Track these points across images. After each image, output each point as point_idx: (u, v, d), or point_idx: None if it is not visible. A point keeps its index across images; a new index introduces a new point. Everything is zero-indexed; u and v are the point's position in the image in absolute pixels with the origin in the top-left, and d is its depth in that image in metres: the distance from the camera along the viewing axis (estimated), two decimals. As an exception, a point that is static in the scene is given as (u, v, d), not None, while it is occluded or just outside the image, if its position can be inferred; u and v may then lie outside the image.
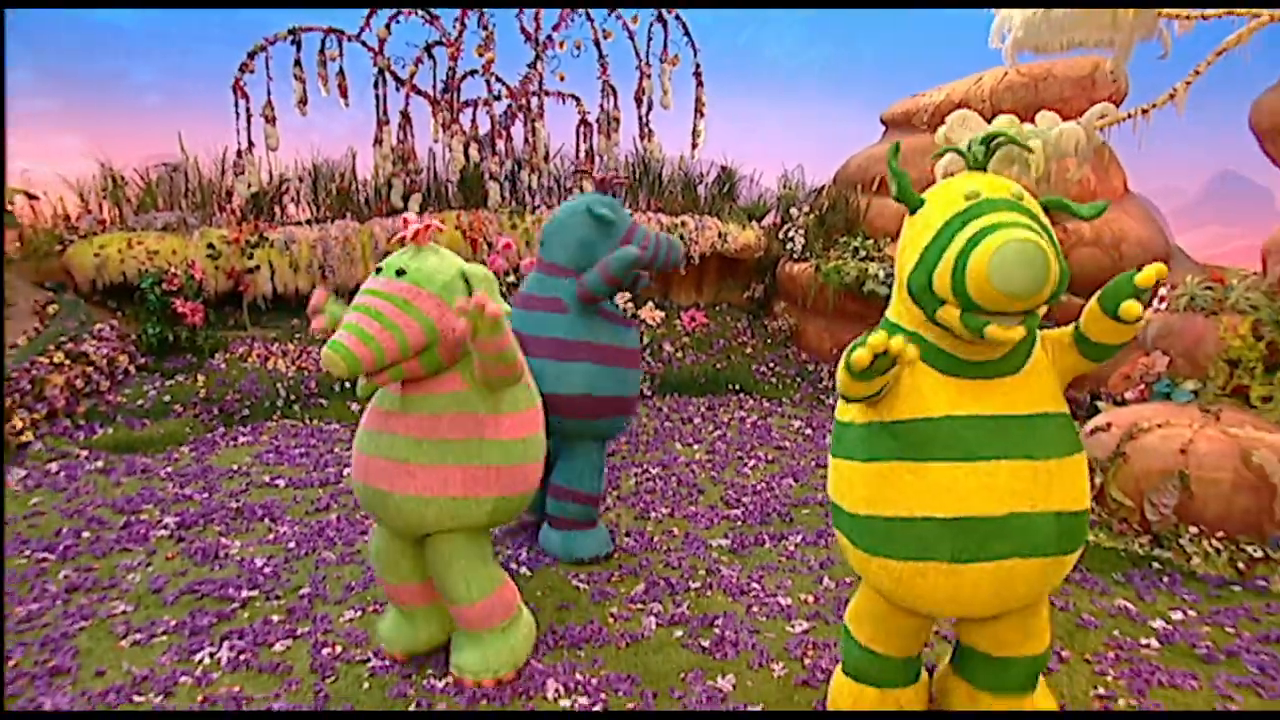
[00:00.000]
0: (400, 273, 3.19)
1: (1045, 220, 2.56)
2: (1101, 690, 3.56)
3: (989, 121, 8.13)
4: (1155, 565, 4.67)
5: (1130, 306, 2.44)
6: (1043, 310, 2.51)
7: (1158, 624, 4.10)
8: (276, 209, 9.43)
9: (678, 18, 10.38)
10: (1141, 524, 4.82)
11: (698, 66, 10.59)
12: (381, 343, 3.05)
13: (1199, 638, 3.99)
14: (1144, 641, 3.96)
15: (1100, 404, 5.89)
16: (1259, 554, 4.56)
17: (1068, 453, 2.65)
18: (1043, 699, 3.07)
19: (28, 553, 4.78)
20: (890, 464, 2.64)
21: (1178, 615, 4.20)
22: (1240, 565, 4.55)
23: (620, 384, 4.59)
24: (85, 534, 5.02)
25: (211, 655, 3.71)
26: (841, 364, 2.49)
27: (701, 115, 10.77)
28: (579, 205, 4.70)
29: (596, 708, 3.35)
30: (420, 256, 3.27)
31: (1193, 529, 4.69)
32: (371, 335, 3.04)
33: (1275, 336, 5.10)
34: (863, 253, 9.24)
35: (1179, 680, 3.64)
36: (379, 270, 3.24)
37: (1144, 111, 5.51)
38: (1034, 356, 2.69)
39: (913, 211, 2.68)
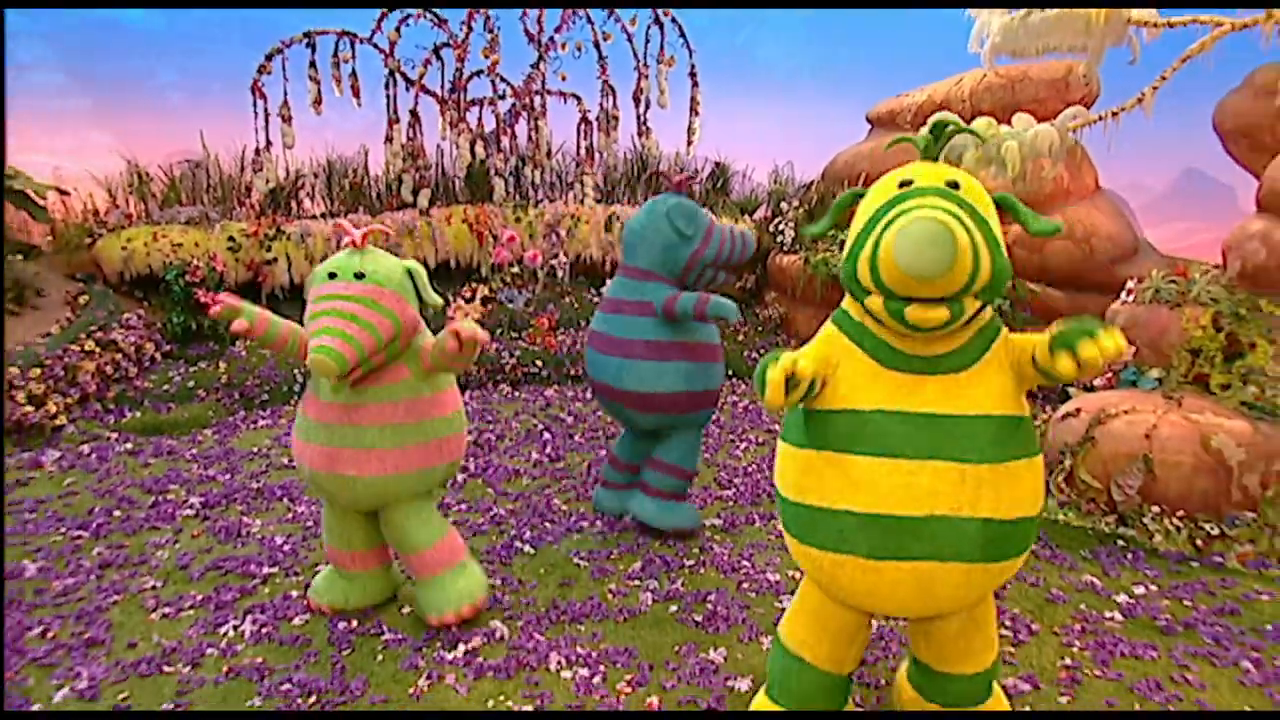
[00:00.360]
0: (359, 275, 3.36)
1: (986, 212, 2.36)
2: (1068, 661, 3.58)
3: (969, 119, 8.14)
4: (1120, 543, 4.70)
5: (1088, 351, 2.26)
6: (972, 308, 2.30)
7: (1121, 598, 4.13)
8: (293, 204, 9.44)
9: (674, 20, 10.35)
10: (1108, 504, 4.85)
11: (693, 67, 10.58)
12: (361, 341, 3.26)
13: (1159, 611, 4.02)
14: (1108, 615, 3.98)
15: (1071, 390, 5.92)
16: (1216, 532, 4.60)
17: (1009, 458, 2.40)
18: (995, 701, 2.90)
19: (63, 530, 4.80)
20: (818, 452, 2.48)
21: (1140, 590, 4.23)
22: (1198, 542, 4.59)
23: (712, 378, 4.65)
24: (116, 512, 5.06)
25: (235, 628, 3.73)
26: (756, 381, 2.37)
27: (696, 114, 10.76)
28: (658, 211, 4.66)
29: (595, 679, 3.37)
30: (368, 259, 3.44)
31: (1155, 508, 4.72)
32: (352, 335, 3.24)
33: (1234, 328, 5.11)
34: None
35: (1140, 651, 3.67)
36: (332, 275, 3.38)
37: (1114, 114, 5.52)
38: (990, 354, 2.45)
39: (857, 198, 2.57)
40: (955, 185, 2.35)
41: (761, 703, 2.92)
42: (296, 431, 3.67)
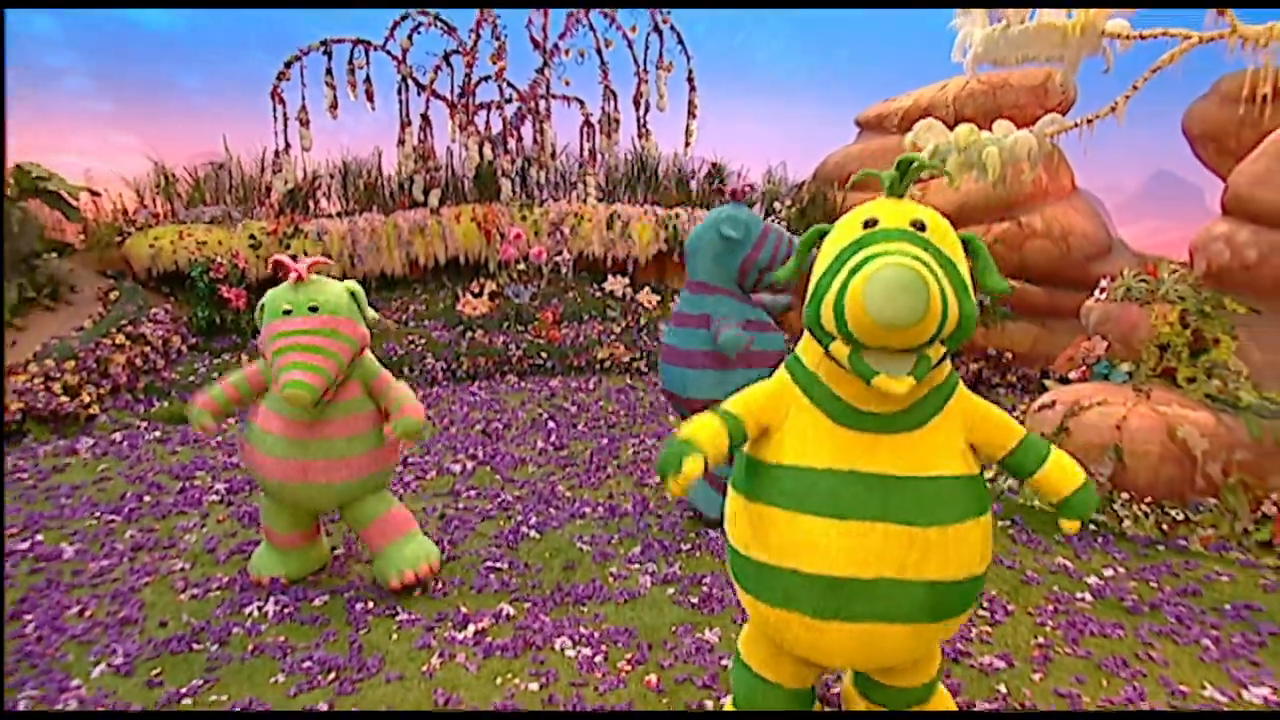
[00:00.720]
0: (314, 309, 3.56)
1: (953, 253, 2.17)
2: (1041, 639, 3.60)
3: (953, 124, 8.14)
4: (1092, 527, 4.72)
5: (1072, 526, 2.37)
6: (937, 355, 2.14)
7: (1092, 580, 4.15)
8: (310, 203, 9.44)
9: (673, 28, 10.32)
10: (1080, 491, 4.87)
11: (691, 72, 10.55)
12: (328, 370, 3.50)
13: (1127, 591, 4.04)
14: (1079, 596, 4.00)
15: (1048, 383, 5.94)
16: (1181, 517, 4.63)
17: (957, 519, 2.22)
18: (940, 703, 2.79)
19: (98, 514, 4.83)
20: (767, 507, 2.28)
21: (1109, 572, 4.25)
22: (1164, 527, 4.62)
23: None
24: (146, 498, 5.08)
25: (259, 609, 3.75)
26: (661, 467, 2.18)
27: (694, 116, 10.73)
28: (711, 222, 4.68)
29: (598, 658, 3.39)
30: (314, 290, 3.62)
31: (1124, 495, 4.75)
32: (319, 366, 3.47)
33: (1200, 324, 5.12)
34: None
35: (1108, 630, 3.69)
36: (287, 311, 3.56)
37: (1089, 121, 5.52)
38: (944, 411, 2.28)
39: (820, 236, 2.34)
40: (921, 226, 2.16)
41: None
42: (257, 446, 3.75)
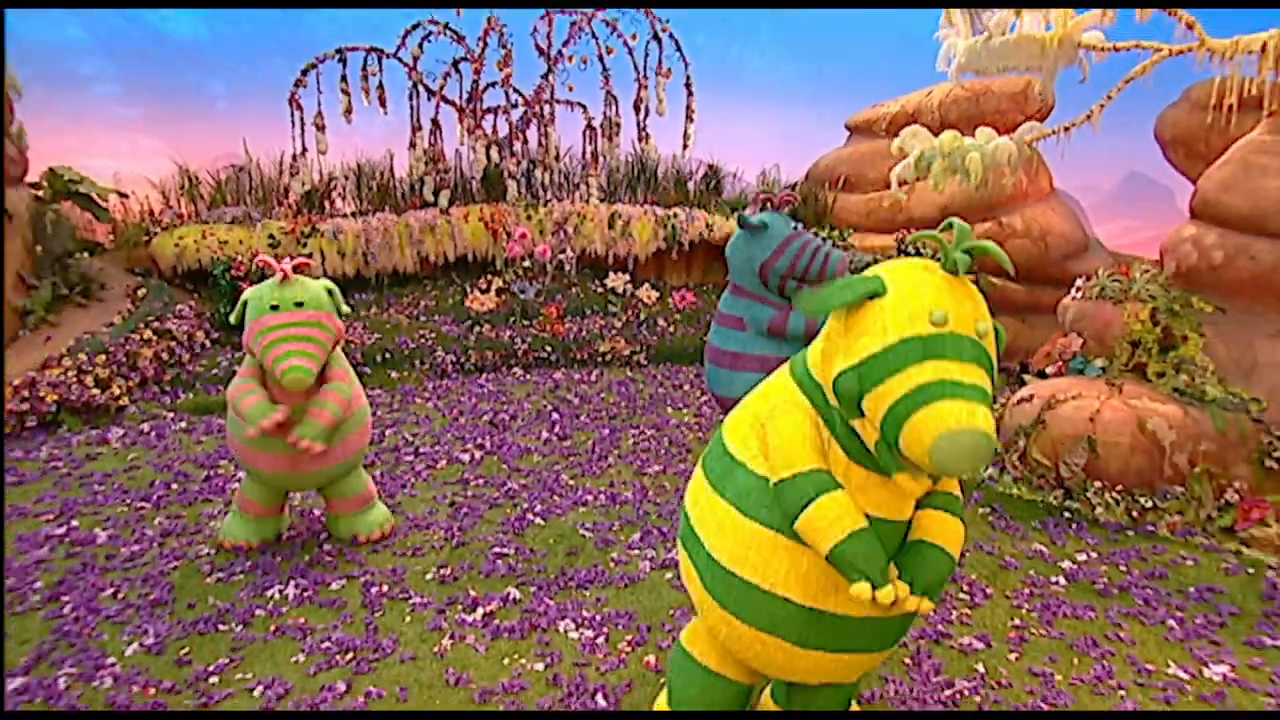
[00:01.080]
0: (299, 304, 3.79)
1: (993, 357, 1.97)
2: (1017, 621, 3.64)
3: (938, 129, 8.14)
4: (1066, 514, 4.76)
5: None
6: None
7: (1066, 564, 4.19)
8: (326, 204, 9.41)
9: (671, 36, 10.28)
10: (1056, 480, 4.89)
11: (688, 78, 10.50)
12: (319, 356, 3.77)
13: (1098, 575, 4.08)
14: (1054, 579, 4.04)
15: (1026, 377, 5.97)
16: (1149, 504, 4.66)
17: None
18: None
19: (128, 501, 4.84)
20: (770, 532, 2.11)
21: (1082, 556, 4.28)
22: (1134, 513, 4.65)
23: None
24: (174, 485, 5.09)
25: (280, 592, 3.78)
26: (862, 572, 1.97)
27: (691, 120, 10.69)
28: (744, 229, 4.73)
29: (599, 640, 3.41)
30: (299, 289, 3.83)
31: (1097, 484, 4.78)
32: (312, 353, 3.73)
33: (1169, 322, 5.14)
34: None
35: (1080, 612, 3.73)
36: (275, 307, 3.76)
37: (1065, 129, 5.52)
38: None
39: (870, 296, 1.97)
40: (983, 333, 1.93)
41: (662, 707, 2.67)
42: (245, 442, 3.90)
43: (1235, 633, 3.63)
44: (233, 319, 3.94)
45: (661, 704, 2.67)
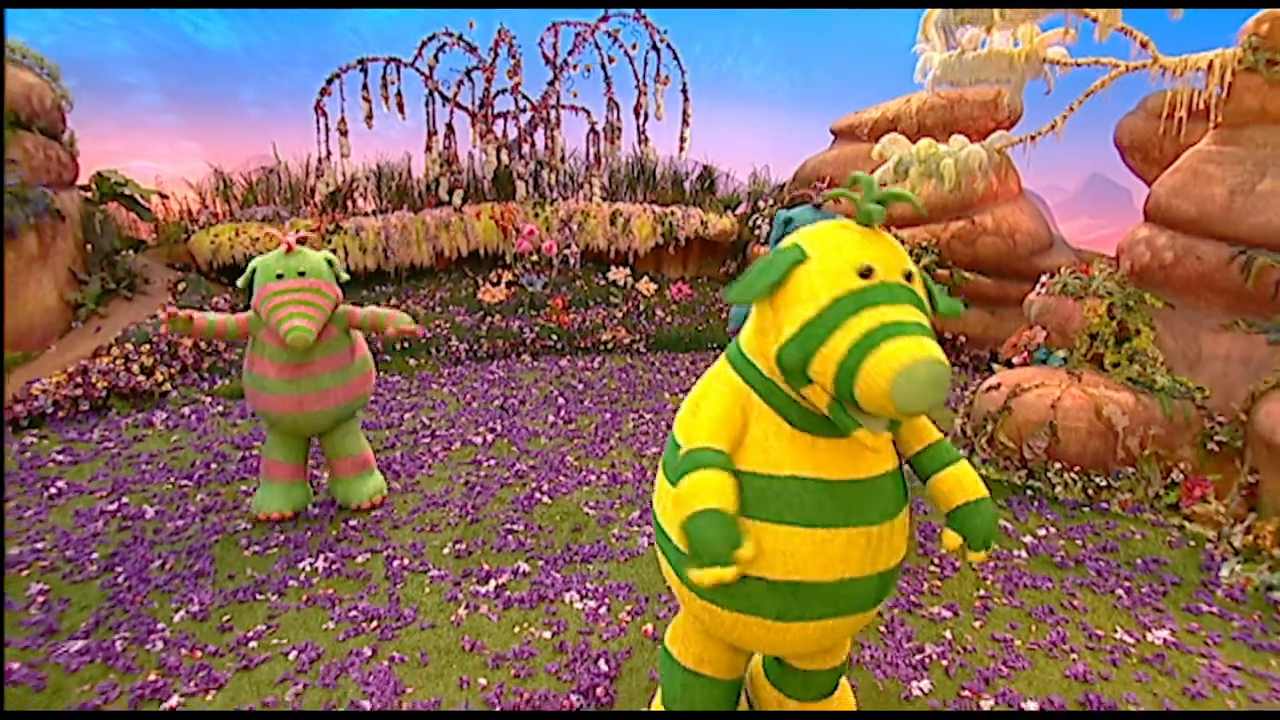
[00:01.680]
0: (301, 273, 3.97)
1: (925, 292, 1.90)
2: (982, 592, 3.68)
3: (916, 134, 8.14)
4: (1029, 492, 4.78)
5: (953, 541, 2.09)
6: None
7: (1027, 539, 4.22)
8: (349, 203, 9.40)
9: (669, 46, 10.23)
10: (1020, 461, 4.91)
11: (685, 85, 10.45)
12: (319, 319, 3.95)
13: (1056, 549, 4.11)
14: (1016, 553, 4.08)
15: (995, 366, 5.98)
16: (1104, 483, 4.69)
17: (897, 512, 2.06)
18: (842, 697, 2.62)
19: (173, 479, 4.87)
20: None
21: (1042, 532, 4.31)
22: (1090, 492, 4.68)
23: None
24: (213, 465, 5.13)
25: (311, 564, 3.82)
26: (702, 551, 1.81)
27: (688, 125, 10.64)
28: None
29: (602, 610, 3.45)
30: (301, 259, 4.02)
31: (1057, 465, 4.79)
32: (312, 315, 3.92)
33: (1124, 317, 5.15)
34: None
35: (1039, 583, 3.77)
36: (280, 275, 3.96)
37: (1032, 138, 5.54)
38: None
39: (793, 266, 1.87)
40: (909, 276, 1.86)
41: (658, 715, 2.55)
42: (257, 389, 4.12)
43: (1176, 600, 3.69)
44: (240, 283, 4.08)
45: (657, 703, 2.58)
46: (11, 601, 3.49)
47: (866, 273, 1.79)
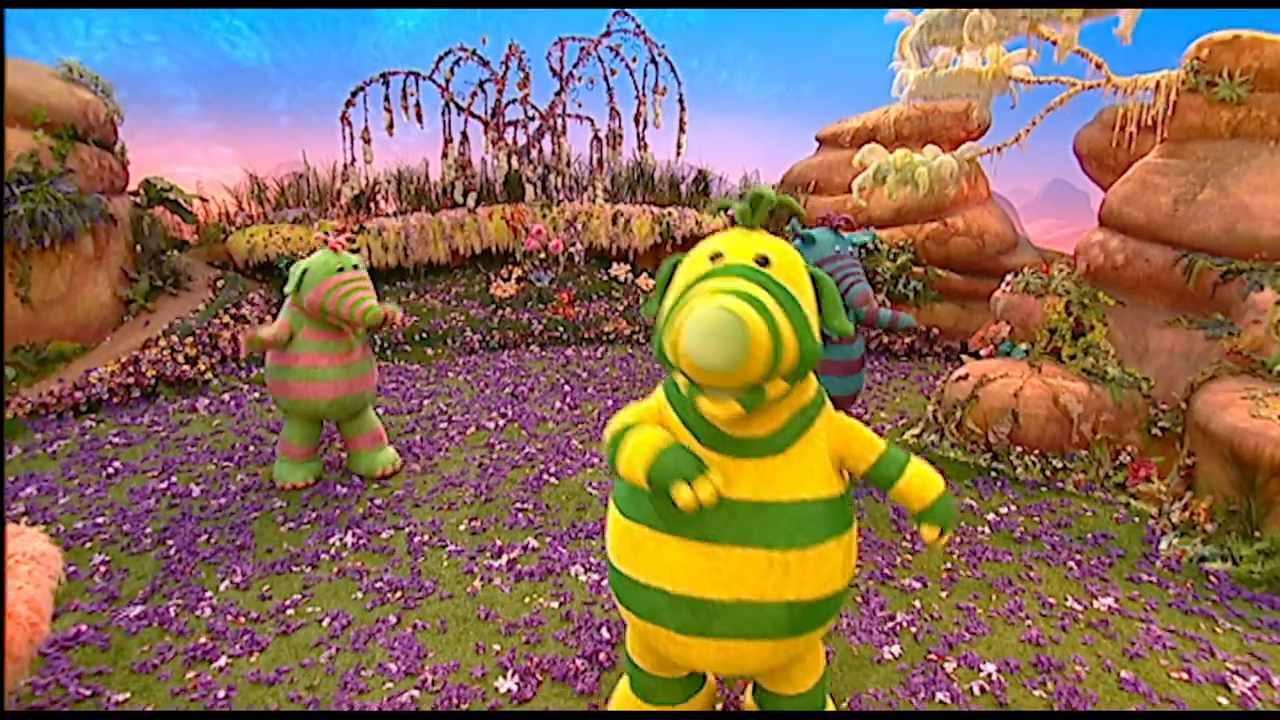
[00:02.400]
0: (355, 266, 4.23)
1: (796, 289, 1.78)
2: (949, 565, 3.71)
3: (894, 141, 8.14)
4: (993, 474, 4.83)
5: (931, 534, 2.03)
6: (777, 390, 1.74)
7: (991, 516, 4.26)
8: (372, 205, 9.41)
9: (667, 59, 10.20)
10: (986, 445, 4.97)
11: (681, 96, 10.40)
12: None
13: (1016, 525, 4.15)
14: (980, 529, 4.11)
15: (965, 357, 6.02)
16: (1060, 465, 4.75)
17: (818, 541, 1.87)
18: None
19: (215, 460, 4.91)
20: (639, 526, 1.94)
21: (1004, 509, 4.35)
22: (1047, 473, 4.74)
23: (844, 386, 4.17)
24: (251, 448, 5.16)
25: (340, 540, 3.85)
26: (665, 474, 1.75)
27: (684, 132, 10.60)
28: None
29: (604, 582, 3.47)
30: (346, 256, 4.26)
31: (1018, 448, 4.86)
32: (374, 299, 4.24)
33: (1080, 313, 5.19)
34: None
35: (1000, 556, 3.80)
36: (340, 269, 4.17)
37: (998, 149, 5.55)
38: (809, 434, 1.92)
39: (674, 267, 1.94)
40: (765, 261, 1.78)
41: (624, 695, 2.46)
42: (308, 380, 4.26)
43: (1120, 571, 3.74)
44: (289, 288, 4.22)
45: (623, 685, 2.51)
46: (77, 570, 3.55)
47: (715, 257, 1.82)
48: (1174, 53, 5.02)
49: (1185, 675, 2.95)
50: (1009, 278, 5.78)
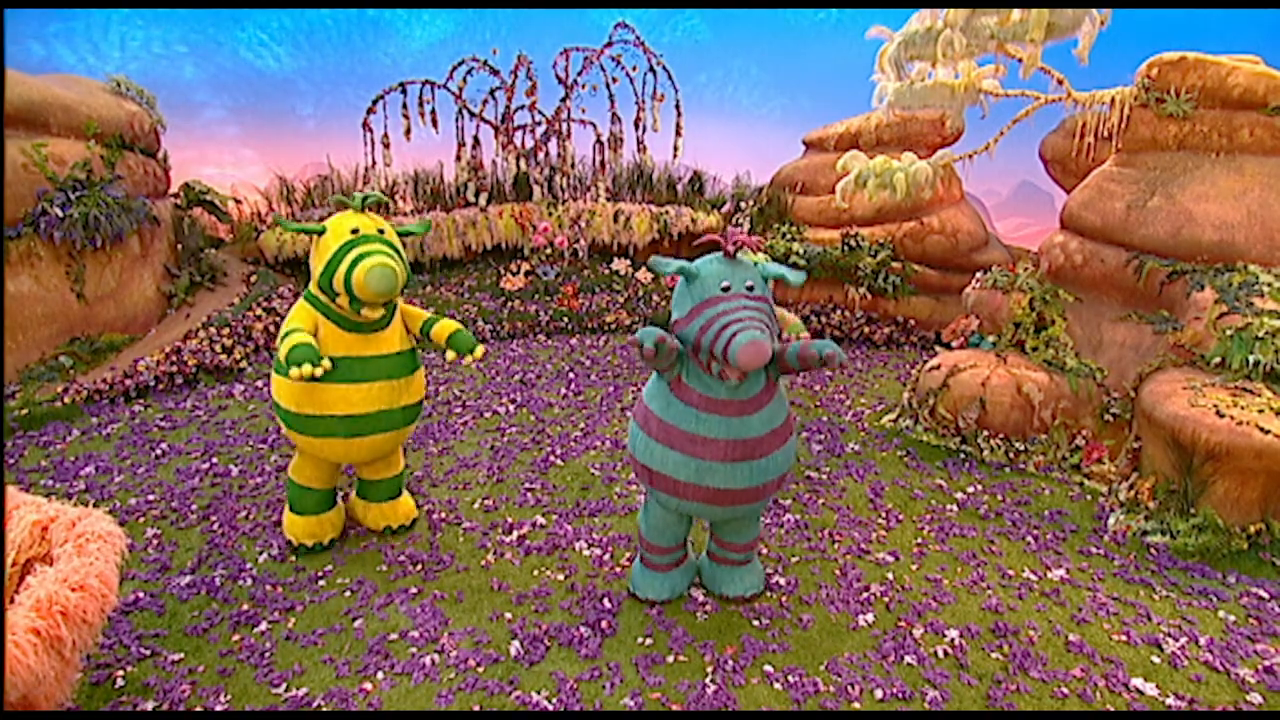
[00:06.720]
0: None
1: (397, 245, 3.22)
2: (920, 540, 3.77)
3: (875, 146, 8.14)
4: (962, 456, 4.88)
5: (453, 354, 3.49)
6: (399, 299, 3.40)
7: (959, 495, 4.31)
8: (391, 205, 9.46)
9: (665, 68, 10.16)
10: (955, 430, 5.02)
11: (678, 102, 10.36)
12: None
13: (981, 503, 4.21)
14: (949, 507, 4.17)
15: (938, 348, 6.06)
16: (1022, 448, 4.80)
17: (411, 372, 3.37)
18: (405, 503, 3.75)
19: (251, 443, 4.94)
20: (314, 382, 3.13)
21: (971, 489, 4.41)
22: (1010, 455, 4.79)
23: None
24: (283, 431, 5.14)
25: None
26: (284, 353, 3.06)
27: (680, 135, 10.57)
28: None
29: (606, 556, 3.53)
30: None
31: (985, 432, 4.90)
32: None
33: (1042, 309, 5.23)
34: (789, 235, 9.23)
35: (966, 531, 3.87)
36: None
37: (970, 156, 5.57)
38: (395, 319, 3.37)
39: (320, 234, 3.22)
40: (382, 231, 3.23)
41: (289, 516, 3.60)
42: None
43: (1072, 545, 3.82)
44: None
45: (287, 512, 3.62)
46: (132, 542, 3.60)
47: (355, 231, 3.19)
48: (1128, 70, 5.06)
49: (1124, 637, 3.04)
50: (979, 275, 5.81)
